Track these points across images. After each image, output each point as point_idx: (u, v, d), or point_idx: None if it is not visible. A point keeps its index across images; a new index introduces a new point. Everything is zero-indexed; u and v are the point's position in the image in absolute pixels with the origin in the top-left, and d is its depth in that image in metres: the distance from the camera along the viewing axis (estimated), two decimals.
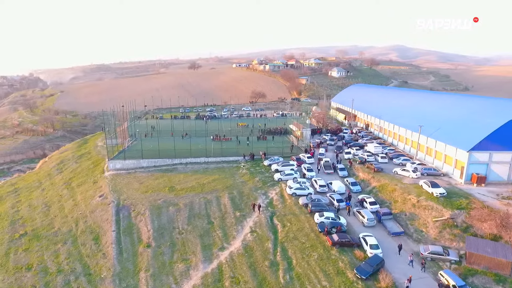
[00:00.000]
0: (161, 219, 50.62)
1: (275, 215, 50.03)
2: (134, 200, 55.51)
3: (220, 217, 50.50)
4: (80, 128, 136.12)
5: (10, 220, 56.91)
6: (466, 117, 61.87)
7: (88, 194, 60.88)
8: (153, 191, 58.49)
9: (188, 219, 50.38)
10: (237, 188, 58.17)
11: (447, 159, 58.19)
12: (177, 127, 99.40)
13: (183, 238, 46.69)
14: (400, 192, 51.23)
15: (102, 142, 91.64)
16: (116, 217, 51.76)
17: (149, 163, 69.85)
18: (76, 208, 56.86)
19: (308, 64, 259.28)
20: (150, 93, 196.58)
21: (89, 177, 69.09)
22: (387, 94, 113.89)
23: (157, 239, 46.64)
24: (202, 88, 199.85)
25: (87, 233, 49.67)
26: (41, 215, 57.08)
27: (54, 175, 75.03)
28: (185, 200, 54.66)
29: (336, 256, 40.03)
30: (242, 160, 70.95)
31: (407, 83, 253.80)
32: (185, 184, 60.60)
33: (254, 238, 45.20)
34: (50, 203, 61.20)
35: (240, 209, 52.03)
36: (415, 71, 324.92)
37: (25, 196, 66.77)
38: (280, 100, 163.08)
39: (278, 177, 59.98)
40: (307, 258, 40.52)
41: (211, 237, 46.49)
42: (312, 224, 46.48)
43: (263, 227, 47.29)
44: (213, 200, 54.73)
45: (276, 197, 54.88)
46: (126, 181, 63.28)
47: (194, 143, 78.89)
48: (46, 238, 50.24)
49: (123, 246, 46.17)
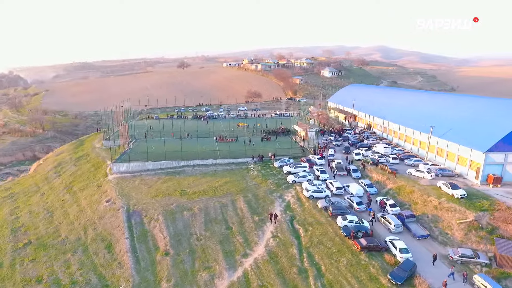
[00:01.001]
0: (176, 225, 48.51)
1: (295, 219, 48.75)
2: (145, 205, 53.09)
3: (238, 222, 48.82)
4: (71, 128, 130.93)
5: (11, 228, 53.42)
6: (477, 118, 62.26)
7: (93, 199, 57.92)
8: (164, 195, 56.18)
9: (205, 225, 48.48)
10: (251, 191, 56.59)
11: (461, 159, 58.35)
12: (177, 128, 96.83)
13: (202, 245, 44.79)
14: (419, 194, 50.86)
15: (99, 144, 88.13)
16: (128, 224, 49.28)
17: (155, 166, 67.31)
18: (82, 214, 53.91)
19: (299, 64, 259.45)
20: (140, 92, 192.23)
21: (91, 180, 65.93)
22: (388, 94, 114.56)
23: (175, 246, 44.56)
24: (195, 87, 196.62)
25: (98, 241, 47.00)
26: (45, 222, 53.85)
27: (52, 178, 71.31)
28: (199, 205, 52.68)
29: (366, 261, 39.07)
30: (251, 161, 69.33)
31: (397, 83, 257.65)
32: (196, 187, 58.53)
33: (277, 243, 43.76)
34: (52, 209, 57.89)
35: (258, 213, 50.48)
36: (402, 71, 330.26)
37: (23, 202, 63.04)
38: (276, 99, 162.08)
39: (292, 179, 58.70)
40: (335, 263, 39.41)
41: (232, 243, 44.77)
42: (335, 228, 45.44)
43: (284, 232, 45.93)
44: (228, 204, 52.97)
45: (293, 200, 53.60)
46: (133, 185, 60.63)
47: (196, 144, 76.67)
48: (53, 247, 47.26)
49: (139, 254, 43.85)
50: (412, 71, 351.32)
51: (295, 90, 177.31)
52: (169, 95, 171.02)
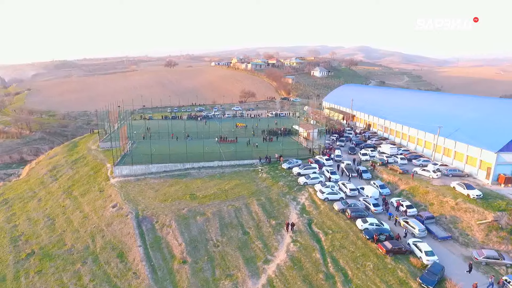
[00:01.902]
0: (190, 230, 46.56)
1: (312, 222, 47.72)
2: (155, 210, 50.80)
3: (254, 227, 47.35)
4: (60, 129, 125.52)
5: (10, 237, 50.03)
6: (485, 118, 62.94)
7: (97, 205, 55.08)
8: (173, 199, 54.02)
9: (221, 230, 46.75)
10: (263, 194, 55.21)
11: (470, 159, 58.81)
12: (174, 128, 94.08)
13: (221, 251, 43.08)
14: (435, 195, 50.78)
15: (95, 145, 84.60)
16: (138, 230, 46.92)
17: (159, 168, 64.90)
18: (88, 221, 51.09)
19: (289, 64, 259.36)
20: (130, 91, 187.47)
21: (92, 185, 62.89)
22: (386, 95, 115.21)
23: (192, 254, 42.65)
24: (186, 86, 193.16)
25: (108, 250, 44.49)
26: (46, 230, 50.71)
27: (48, 183, 67.66)
28: (212, 209, 50.86)
29: (392, 265, 38.41)
30: (258, 163, 67.90)
31: (384, 83, 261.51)
32: (205, 191, 56.63)
33: (298, 248, 42.57)
34: (53, 216, 54.70)
35: (273, 217, 49.16)
36: (389, 71, 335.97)
37: (19, 208, 59.38)
38: (270, 99, 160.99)
39: (304, 181, 57.70)
40: (362, 268, 38.57)
41: (251, 249, 43.27)
42: (356, 231, 44.67)
43: (304, 236, 44.80)
44: (242, 207, 51.39)
45: (307, 202, 52.56)
46: (139, 189, 58.12)
47: (199, 145, 74.62)
48: (59, 257, 44.42)
49: (155, 263, 41.71)
50: (398, 71, 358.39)
51: (288, 90, 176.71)
52: (160, 95, 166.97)
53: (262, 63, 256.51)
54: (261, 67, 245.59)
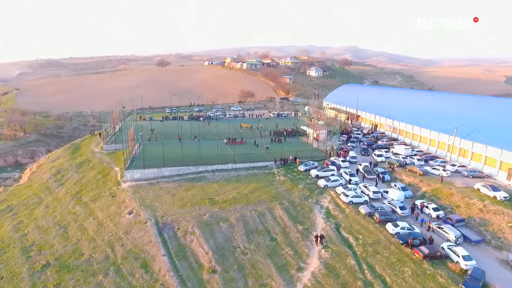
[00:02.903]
0: (215, 237, 44.66)
1: (340, 226, 46.49)
2: (175, 217, 48.66)
3: (281, 232, 45.79)
4: (56, 130, 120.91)
5: (21, 248, 47.06)
6: (500, 118, 63.03)
7: (111, 211, 52.52)
8: (192, 204, 51.96)
9: (247, 236, 45.03)
10: (284, 197, 53.70)
11: (489, 160, 58.69)
12: (176, 129, 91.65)
13: (250, 259, 41.37)
14: (460, 197, 50.25)
15: (98, 148, 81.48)
16: (160, 238, 44.75)
17: (172, 172, 62.64)
18: (104, 229, 48.55)
19: (284, 63, 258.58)
20: (124, 91, 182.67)
21: (102, 189, 60.15)
22: (391, 94, 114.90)
23: (221, 262, 40.81)
24: (182, 86, 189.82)
25: (130, 260, 42.19)
26: (60, 239, 47.93)
27: (54, 188, 64.47)
28: (235, 214, 49.06)
29: (431, 271, 37.46)
30: (273, 165, 66.35)
31: (378, 82, 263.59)
32: (224, 195, 54.74)
33: (331, 254, 41.25)
34: (64, 224, 51.87)
35: (299, 221, 47.72)
36: (381, 71, 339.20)
37: (26, 216, 56.22)
38: (269, 99, 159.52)
39: (324, 184, 56.45)
40: (400, 274, 37.50)
41: (282, 256, 41.69)
42: (387, 235, 43.65)
43: (334, 242, 43.53)
44: (265, 212, 49.76)
45: (331, 206, 51.31)
46: (154, 194, 55.79)
47: (208, 147, 72.79)
48: (78, 268, 41.87)
49: (183, 273, 39.68)
50: (389, 70, 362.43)
51: (287, 90, 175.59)
52: (155, 95, 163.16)
53: (257, 62, 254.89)
54: (256, 66, 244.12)
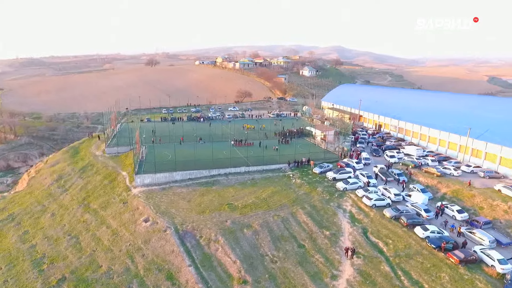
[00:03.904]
0: (241, 245, 42.83)
1: (367, 231, 45.44)
2: (195, 224, 46.51)
3: (308, 238, 44.37)
4: (48, 133, 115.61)
5: (31, 261, 43.92)
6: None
7: (124, 219, 49.87)
8: (211, 210, 49.90)
9: (274, 243, 43.40)
10: (305, 201, 52.31)
11: (504, 161, 58.95)
12: (178, 131, 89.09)
13: (280, 268, 39.74)
14: (483, 198, 50.04)
15: (100, 151, 78.08)
16: (183, 247, 42.55)
17: (183, 176, 60.32)
18: (120, 238, 45.92)
19: (277, 63, 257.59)
20: (116, 91, 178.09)
21: (111, 196, 57.28)
22: (393, 94, 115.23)
23: (250, 272, 39.01)
24: (176, 86, 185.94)
25: (154, 271, 39.87)
26: (73, 250, 45.03)
27: (57, 194, 61.07)
28: (257, 220, 47.32)
29: (468, 276, 36.81)
30: (287, 168, 64.89)
31: (369, 82, 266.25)
32: (242, 200, 52.90)
33: (363, 261, 40.09)
34: (75, 233, 48.88)
35: (325, 226, 46.42)
36: (371, 71, 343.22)
37: (31, 225, 52.82)
38: (266, 99, 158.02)
39: (343, 187, 55.38)
40: (438, 280, 36.66)
41: (313, 264, 40.26)
42: (417, 239, 42.84)
43: (364, 247, 42.42)
44: (288, 217, 48.24)
45: (354, 210, 50.25)
46: (168, 200, 53.41)
47: (216, 150, 70.76)
48: (97, 282, 39.25)
49: (212, 284, 37.69)
50: (378, 70, 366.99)
51: (284, 90, 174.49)
52: (149, 95, 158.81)
53: (249, 62, 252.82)
54: (248, 66, 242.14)
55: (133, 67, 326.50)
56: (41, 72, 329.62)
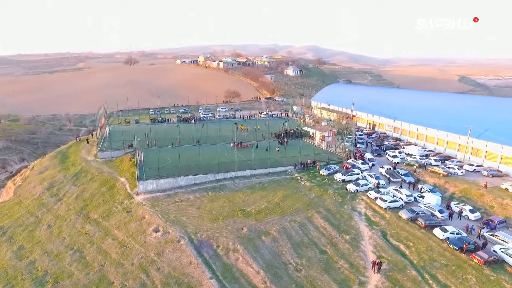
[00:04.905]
0: (262, 254, 41.07)
1: (387, 234, 44.91)
2: (210, 233, 44.25)
3: (329, 244, 43.26)
4: (28, 136, 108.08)
5: (31, 280, 40.05)
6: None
7: (131, 229, 46.77)
8: (224, 217, 47.75)
9: (295, 250, 41.95)
10: (319, 205, 51.21)
11: (504, 159, 60.42)
12: (171, 133, 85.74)
13: (306, 276, 38.34)
14: (492, 197, 50.88)
15: (91, 156, 73.67)
16: (201, 259, 40.26)
17: (188, 181, 57.71)
18: (129, 251, 42.88)
19: (261, 62, 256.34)
20: (97, 91, 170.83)
21: (111, 204, 53.78)
22: (390, 94, 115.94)
23: (276, 282, 37.34)
24: (160, 86, 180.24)
25: (173, 286, 37.31)
26: (78, 266, 41.55)
27: (51, 204, 56.63)
28: (274, 226, 45.71)
29: (494, 276, 36.96)
30: (293, 170, 63.62)
31: (351, 81, 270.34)
32: (255, 205, 51.08)
33: (388, 265, 39.40)
34: (78, 247, 45.24)
35: (344, 231, 45.50)
36: (351, 70, 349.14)
37: (25, 239, 48.45)
38: (255, 99, 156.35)
39: (354, 189, 54.80)
40: (465, 282, 36.53)
41: (338, 271, 39.16)
42: (437, 241, 42.75)
43: (386, 250, 41.84)
44: (305, 222, 46.93)
45: (369, 212, 49.71)
46: (176, 207, 50.71)
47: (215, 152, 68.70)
48: None
49: None
50: (358, 70, 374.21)
51: (272, 90, 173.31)
52: (133, 95, 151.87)
53: (233, 61, 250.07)
54: (232, 65, 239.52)
55: (110, 66, 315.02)
56: (9, 72, 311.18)
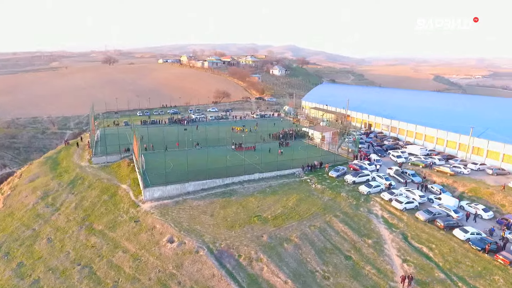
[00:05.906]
0: (287, 262, 39.52)
1: (407, 236, 44.51)
2: (229, 242, 42.20)
3: (353, 249, 42.31)
4: (8, 141, 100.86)
5: None
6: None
7: (142, 240, 43.92)
8: (240, 225, 45.82)
9: (319, 257, 40.69)
10: (335, 208, 50.24)
11: (507, 158, 61.86)
12: (171, 136, 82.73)
13: (336, 284, 37.15)
14: (503, 196, 51.75)
15: (84, 161, 69.47)
16: (224, 270, 38.18)
17: (196, 187, 55.24)
18: (144, 265, 40.11)
19: (245, 62, 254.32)
20: (77, 92, 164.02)
21: (116, 213, 50.52)
22: (384, 94, 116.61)
23: None
24: (145, 86, 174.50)
25: None
26: (89, 283, 38.37)
27: (48, 215, 52.50)
28: (295, 232, 44.26)
29: None
30: (301, 172, 62.44)
31: (335, 81, 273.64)
32: (270, 210, 49.43)
33: (415, 269, 38.93)
34: (86, 261, 41.91)
35: (365, 234, 44.72)
36: (334, 70, 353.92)
37: (24, 255, 44.45)
38: (245, 99, 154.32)
39: (367, 191, 54.24)
40: (494, 284, 36.57)
41: (367, 276, 38.25)
42: (458, 242, 42.76)
43: (410, 253, 41.40)
44: (325, 227, 45.79)
45: (386, 214, 49.23)
46: (187, 215, 48.23)
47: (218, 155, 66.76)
48: None
49: None
50: (340, 69, 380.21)
51: (262, 90, 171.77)
52: (116, 96, 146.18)
53: (217, 61, 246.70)
54: (217, 65, 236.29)
55: (87, 65, 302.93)
56: None
